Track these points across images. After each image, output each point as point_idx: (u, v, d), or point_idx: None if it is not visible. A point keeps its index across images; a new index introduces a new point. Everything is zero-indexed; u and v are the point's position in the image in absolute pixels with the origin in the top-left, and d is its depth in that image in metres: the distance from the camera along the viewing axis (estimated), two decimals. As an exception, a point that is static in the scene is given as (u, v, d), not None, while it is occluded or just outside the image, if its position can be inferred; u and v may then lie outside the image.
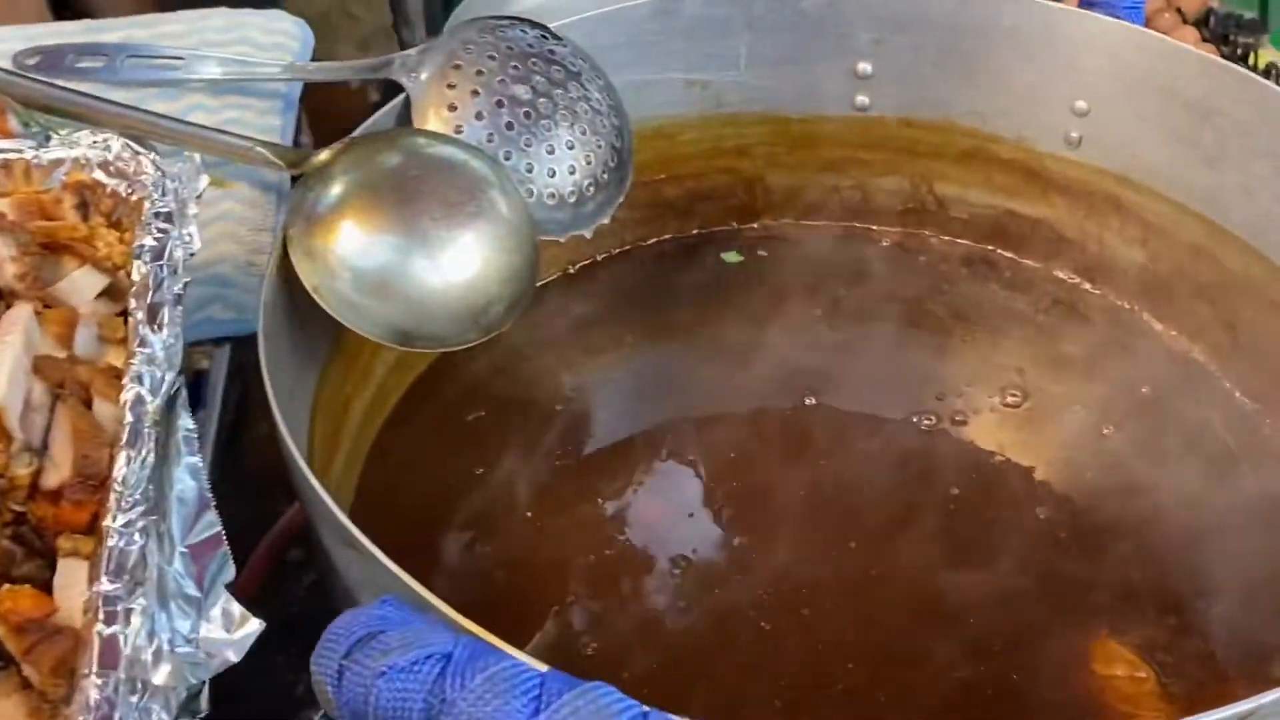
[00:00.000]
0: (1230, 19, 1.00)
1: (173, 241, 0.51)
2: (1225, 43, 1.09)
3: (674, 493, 0.70)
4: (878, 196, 0.85)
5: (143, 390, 0.46)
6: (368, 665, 0.35)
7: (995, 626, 0.62)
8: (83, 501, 0.43)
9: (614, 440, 0.73)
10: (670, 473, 0.71)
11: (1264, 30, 1.01)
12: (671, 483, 0.70)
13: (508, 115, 0.68)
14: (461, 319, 0.61)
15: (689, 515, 0.68)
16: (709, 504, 0.69)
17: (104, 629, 0.40)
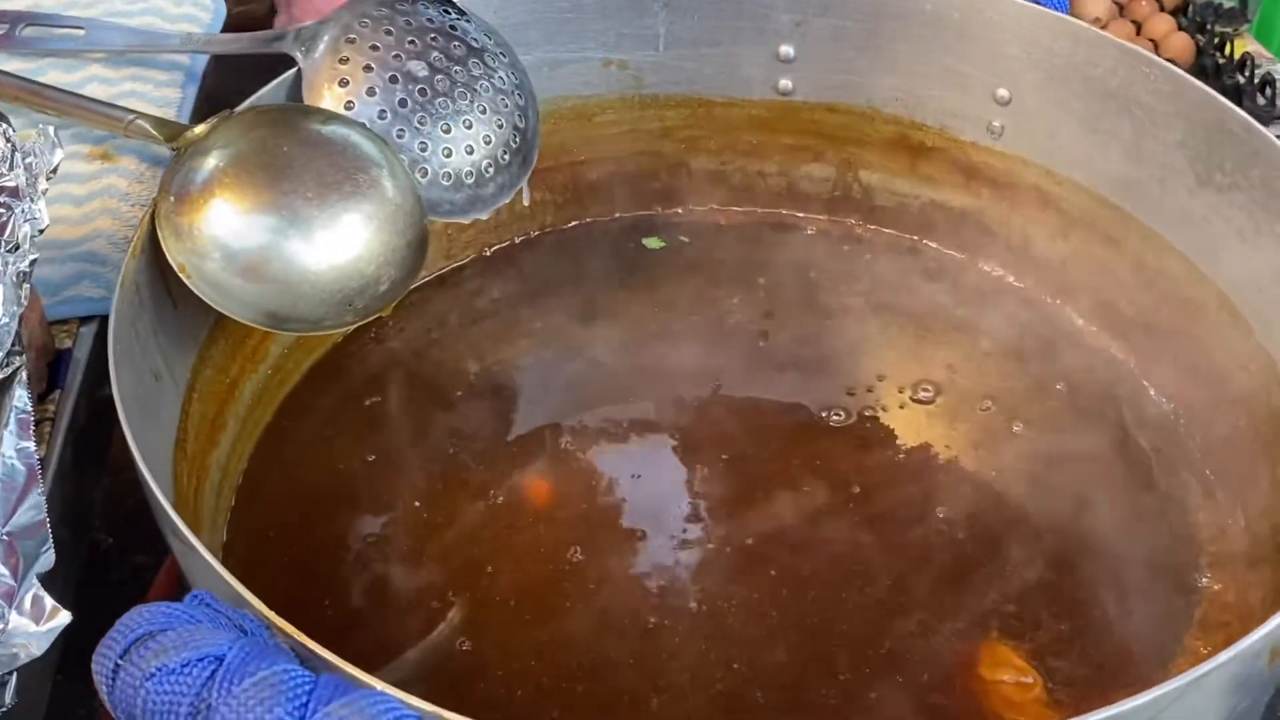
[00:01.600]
0: (1209, 8, 0.97)
1: (16, 218, 0.49)
2: (1202, 31, 1.06)
3: (569, 485, 0.68)
4: (803, 183, 0.84)
5: (-31, 370, 0.44)
6: (140, 666, 0.34)
7: (884, 627, 0.60)
8: (-114, 485, 0.42)
9: (513, 429, 0.72)
10: (567, 464, 0.69)
11: (1244, 20, 0.98)
12: (567, 475, 0.69)
13: (401, 92, 0.66)
14: (336, 301, 0.59)
15: (582, 508, 0.67)
16: (604, 496, 0.68)
17: (-111, 618, 0.38)
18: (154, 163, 0.67)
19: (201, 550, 0.42)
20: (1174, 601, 0.62)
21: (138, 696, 0.33)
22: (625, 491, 0.68)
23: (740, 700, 0.58)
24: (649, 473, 0.70)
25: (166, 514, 0.45)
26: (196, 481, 0.61)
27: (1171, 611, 0.62)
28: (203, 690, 0.33)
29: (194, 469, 0.61)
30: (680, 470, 0.69)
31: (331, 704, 0.32)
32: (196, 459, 0.62)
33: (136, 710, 0.34)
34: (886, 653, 0.59)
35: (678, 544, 0.65)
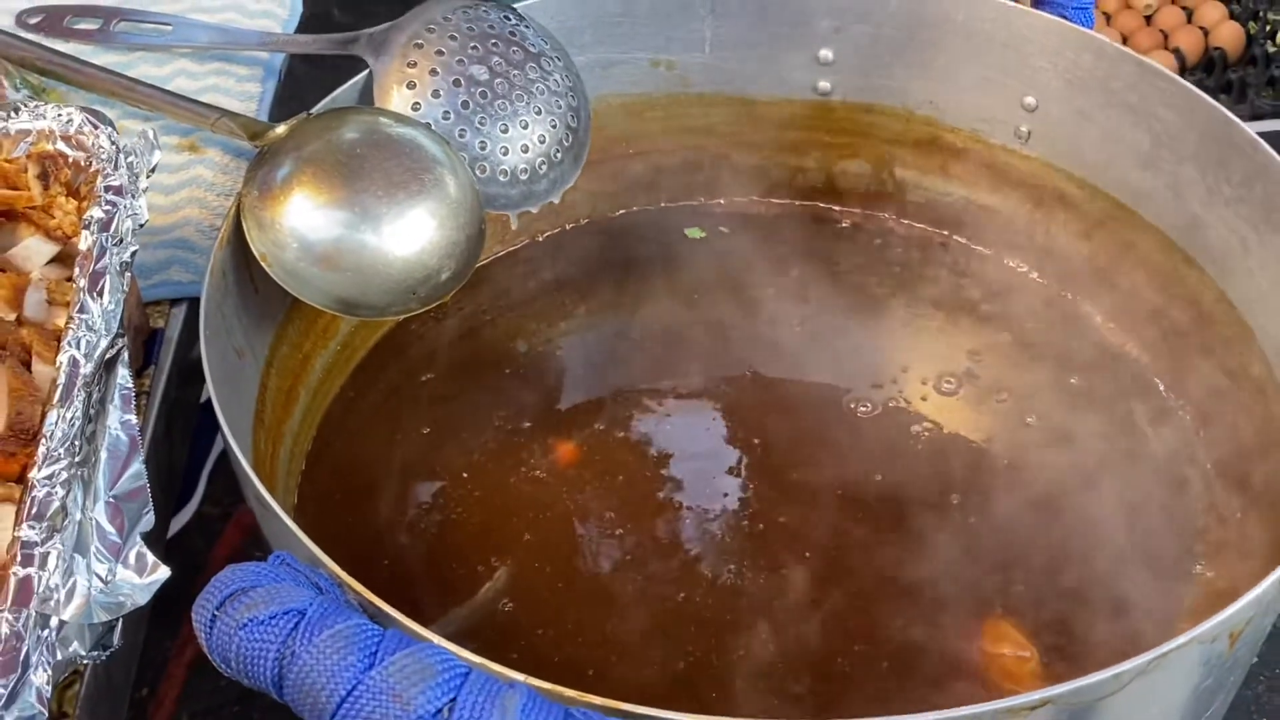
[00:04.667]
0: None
1: (121, 213, 0.55)
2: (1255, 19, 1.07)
3: (609, 459, 0.74)
4: (839, 178, 0.88)
5: (77, 354, 0.50)
6: (233, 617, 0.40)
7: (896, 604, 0.65)
8: (15, 453, 0.48)
9: (558, 406, 0.77)
10: (609, 440, 0.75)
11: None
12: (608, 450, 0.74)
13: (464, 94, 0.71)
14: (402, 290, 0.65)
15: (620, 481, 0.72)
16: (642, 471, 0.73)
17: (19, 570, 0.44)
18: (237, 155, 0.73)
19: (281, 514, 0.48)
20: (1169, 587, 0.66)
21: (231, 644, 0.39)
22: (662, 467, 0.73)
23: (762, 665, 0.63)
24: (685, 451, 0.75)
25: (250, 480, 0.51)
26: (272, 449, 0.67)
27: (1167, 597, 0.66)
28: (287, 640, 0.39)
29: (270, 438, 0.67)
30: (714, 450, 0.74)
31: (396, 654, 0.38)
32: (272, 429, 0.68)
33: (230, 656, 0.40)
34: (899, 625, 0.64)
35: (710, 519, 0.70)
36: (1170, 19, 1.20)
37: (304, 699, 0.38)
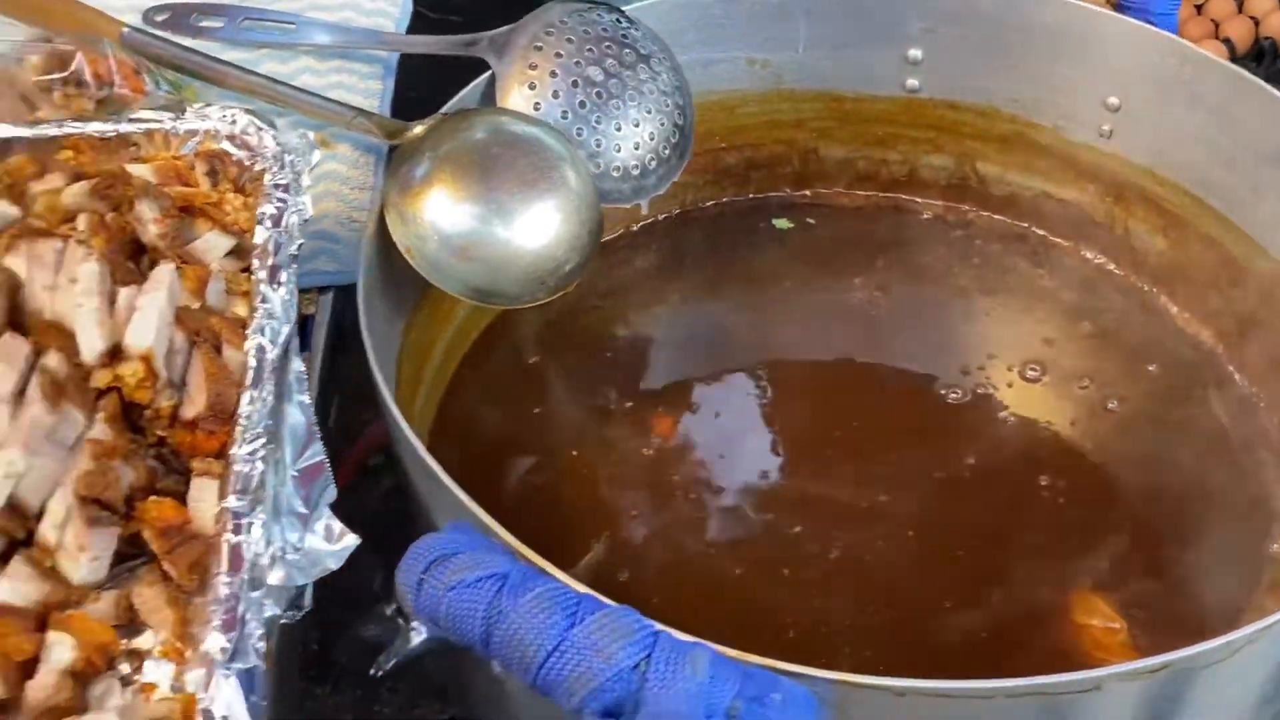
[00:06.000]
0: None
1: (289, 210, 0.60)
2: None
3: (711, 439, 0.78)
4: (923, 171, 0.92)
5: (263, 340, 0.55)
6: (441, 580, 0.44)
7: (991, 577, 0.70)
8: (215, 431, 0.53)
9: (659, 387, 0.81)
10: (708, 421, 0.79)
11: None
12: (709, 430, 0.78)
13: (582, 95, 0.76)
14: (532, 280, 0.69)
15: (722, 459, 0.77)
16: (744, 452, 0.78)
17: (231, 538, 0.49)
18: (366, 150, 0.77)
19: (455, 489, 0.53)
20: (1247, 565, 0.71)
21: (441, 604, 0.44)
22: (760, 447, 0.78)
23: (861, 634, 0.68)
24: (782, 431, 0.79)
25: (420, 458, 0.55)
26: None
27: (1244, 574, 0.70)
28: (493, 600, 0.43)
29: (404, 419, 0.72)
30: (811, 432, 0.79)
31: (594, 614, 0.42)
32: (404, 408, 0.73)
33: (439, 615, 0.44)
34: (994, 599, 0.68)
35: (812, 497, 0.74)
36: (1221, 8, 1.23)
37: (512, 653, 0.43)
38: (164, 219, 0.58)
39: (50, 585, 0.50)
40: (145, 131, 0.63)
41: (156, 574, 0.52)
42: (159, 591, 0.52)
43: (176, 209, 0.59)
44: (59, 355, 0.52)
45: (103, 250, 0.55)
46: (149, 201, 0.58)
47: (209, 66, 0.77)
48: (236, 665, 0.46)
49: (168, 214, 0.58)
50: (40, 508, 0.51)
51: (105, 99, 0.75)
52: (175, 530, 0.51)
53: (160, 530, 0.51)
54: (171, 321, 0.54)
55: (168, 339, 0.53)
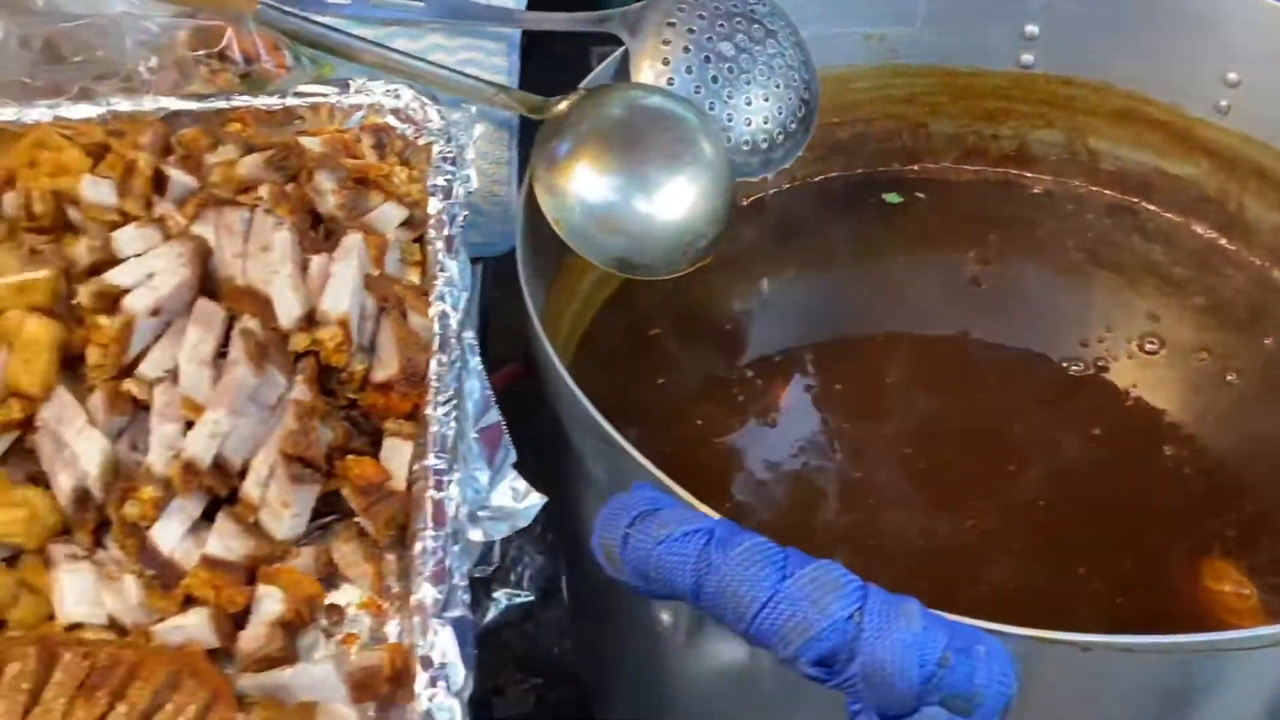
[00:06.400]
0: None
1: (457, 182, 0.62)
2: None
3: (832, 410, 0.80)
4: (1033, 146, 0.93)
5: (446, 306, 0.57)
6: (649, 535, 0.46)
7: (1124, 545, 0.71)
8: (407, 394, 0.55)
9: (778, 359, 0.83)
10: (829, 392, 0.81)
11: None
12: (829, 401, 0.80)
13: (714, 70, 0.77)
14: (674, 252, 0.71)
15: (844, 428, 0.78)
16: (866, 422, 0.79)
17: (435, 494, 0.51)
18: (498, 126, 0.79)
19: (633, 452, 0.55)
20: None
21: (650, 558, 0.46)
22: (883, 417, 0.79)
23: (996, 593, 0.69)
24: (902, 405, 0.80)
25: (593, 418, 0.57)
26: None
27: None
28: (702, 554, 0.45)
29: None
30: (933, 405, 0.80)
31: (805, 568, 0.44)
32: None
33: (649, 568, 0.46)
34: (1128, 566, 0.70)
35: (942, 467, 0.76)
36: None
37: (726, 604, 0.45)
38: (341, 190, 0.60)
39: (255, 541, 0.52)
40: (311, 105, 0.65)
41: (352, 530, 0.54)
42: (356, 547, 0.54)
43: (352, 180, 0.61)
44: (256, 320, 0.55)
45: (291, 219, 0.57)
46: (327, 173, 0.60)
47: (345, 43, 0.79)
48: (449, 615, 0.48)
49: (344, 185, 0.60)
50: (243, 466, 0.53)
51: (249, 74, 0.77)
52: (374, 488, 0.53)
53: (360, 488, 0.53)
54: (362, 288, 0.56)
55: (360, 305, 0.55)
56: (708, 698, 0.66)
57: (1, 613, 0.51)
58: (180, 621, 0.50)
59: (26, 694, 0.45)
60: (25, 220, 0.60)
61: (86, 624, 0.50)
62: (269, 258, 0.56)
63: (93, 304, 0.55)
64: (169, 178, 0.60)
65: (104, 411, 0.53)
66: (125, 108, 0.65)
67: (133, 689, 0.46)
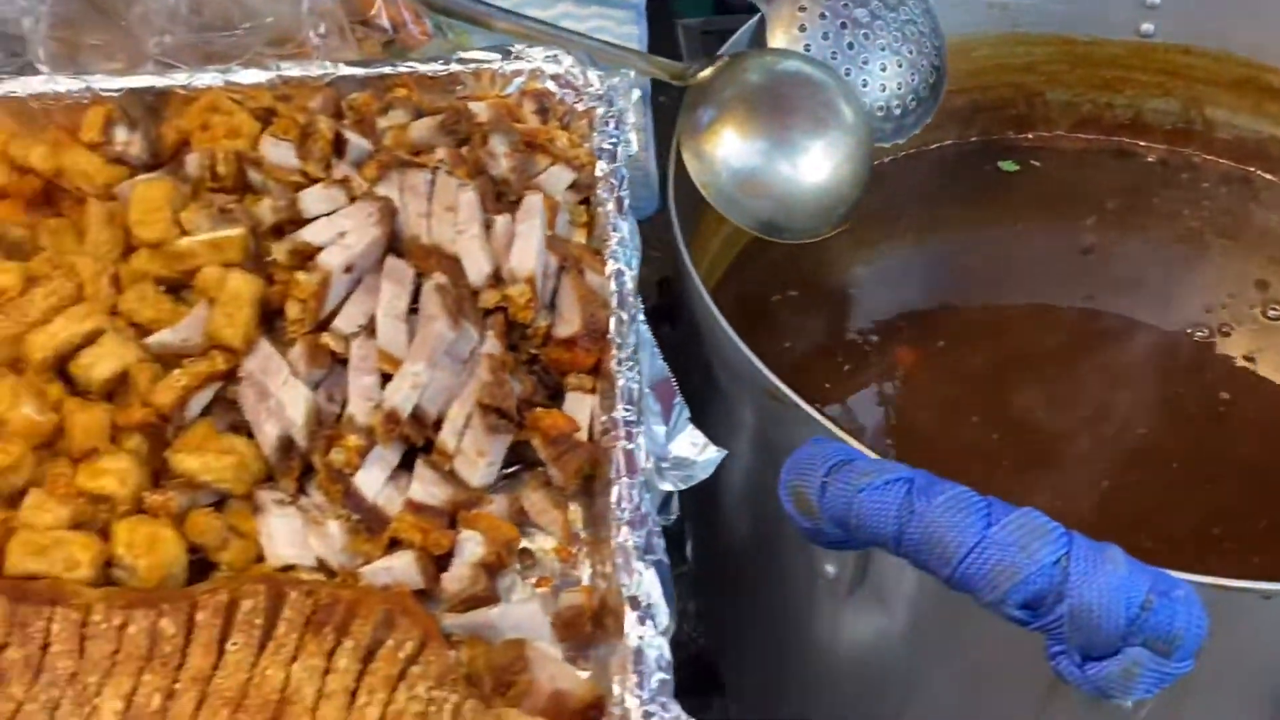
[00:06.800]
0: None
1: (621, 145, 0.63)
2: None
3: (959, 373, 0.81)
4: (1147, 115, 0.94)
5: (621, 265, 0.59)
6: (849, 483, 0.48)
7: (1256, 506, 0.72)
8: (590, 349, 0.57)
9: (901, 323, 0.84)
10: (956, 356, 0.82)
11: None
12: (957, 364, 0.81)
13: (849, 36, 0.78)
14: (819, 215, 0.73)
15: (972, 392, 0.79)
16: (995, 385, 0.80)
17: (626, 445, 0.53)
18: (629, 90, 0.81)
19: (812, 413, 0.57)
20: None
21: (851, 506, 0.48)
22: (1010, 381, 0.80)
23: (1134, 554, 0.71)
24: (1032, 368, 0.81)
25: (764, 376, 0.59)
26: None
27: None
28: (905, 501, 0.47)
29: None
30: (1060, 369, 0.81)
31: (1009, 516, 0.46)
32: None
33: (850, 515, 0.48)
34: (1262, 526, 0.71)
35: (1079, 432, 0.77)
36: None
37: (929, 550, 0.46)
38: (513, 153, 0.62)
39: (453, 488, 0.55)
40: (474, 71, 0.67)
41: (539, 479, 0.56)
42: (544, 495, 0.56)
43: (523, 144, 0.62)
44: (445, 278, 0.57)
45: (474, 181, 0.59)
46: (500, 136, 0.62)
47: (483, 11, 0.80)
48: (650, 558, 0.50)
49: (516, 149, 0.62)
50: (437, 416, 0.56)
51: (392, 41, 0.79)
52: (564, 438, 0.55)
53: (551, 438, 0.55)
54: (545, 248, 0.58)
55: (544, 264, 0.57)
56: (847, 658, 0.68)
57: (212, 555, 0.53)
58: (388, 563, 0.52)
59: (260, 629, 0.47)
60: (209, 181, 0.62)
61: (298, 565, 0.52)
62: (454, 218, 0.58)
63: (289, 261, 0.58)
64: (348, 141, 0.62)
65: (304, 364, 0.56)
66: (294, 73, 0.67)
67: (354, 626, 0.48)
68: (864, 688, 0.67)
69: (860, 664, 0.66)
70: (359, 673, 0.47)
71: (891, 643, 0.64)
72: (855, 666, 0.67)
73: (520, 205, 0.59)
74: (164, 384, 0.54)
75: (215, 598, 0.47)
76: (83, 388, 0.55)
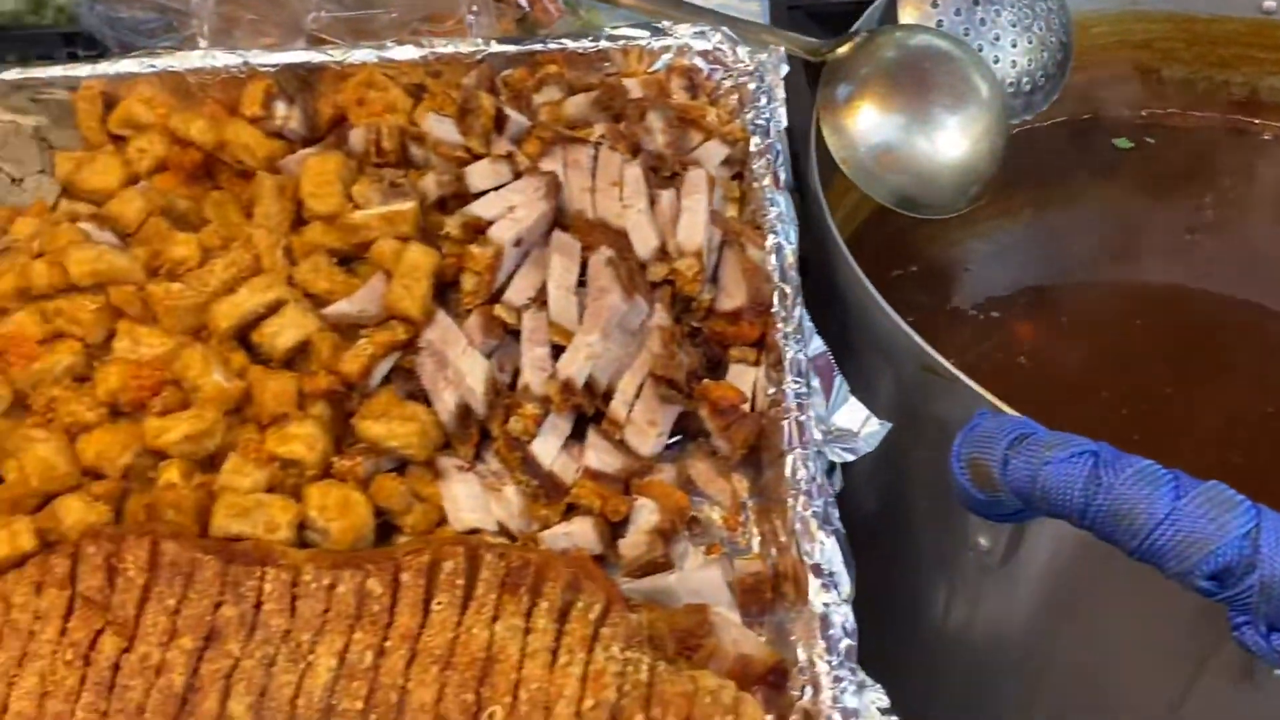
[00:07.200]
0: None
1: (772, 120, 0.64)
2: None
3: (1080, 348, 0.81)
4: (1263, 93, 0.93)
5: (781, 239, 0.60)
6: (1034, 456, 0.49)
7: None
8: (754, 323, 0.58)
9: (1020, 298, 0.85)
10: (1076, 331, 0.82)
11: None
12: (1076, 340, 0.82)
13: (981, 11, 0.79)
14: (957, 190, 0.73)
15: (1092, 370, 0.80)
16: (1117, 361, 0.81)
17: (799, 416, 0.54)
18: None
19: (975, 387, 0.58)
20: None
21: (1036, 478, 0.49)
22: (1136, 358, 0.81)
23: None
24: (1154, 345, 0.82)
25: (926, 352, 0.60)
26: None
27: None
28: (1091, 474, 0.48)
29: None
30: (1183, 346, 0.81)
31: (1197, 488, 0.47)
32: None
33: (1034, 488, 0.49)
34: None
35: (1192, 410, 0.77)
36: None
37: (1117, 522, 0.47)
38: (669, 129, 0.63)
39: (625, 457, 0.56)
40: (622, 48, 0.68)
41: (704, 450, 0.58)
42: (710, 465, 0.57)
43: (677, 119, 0.63)
44: (613, 251, 0.58)
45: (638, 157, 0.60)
46: (657, 112, 0.63)
47: (613, -12, 0.81)
48: (829, 527, 0.51)
49: (671, 125, 0.63)
50: (608, 387, 0.57)
51: (524, 18, 0.80)
52: (733, 409, 0.56)
53: (720, 409, 0.56)
54: (710, 223, 0.59)
55: (709, 238, 0.58)
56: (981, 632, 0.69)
57: (396, 519, 0.55)
58: (567, 528, 0.54)
59: (462, 590, 0.49)
60: (374, 155, 0.63)
61: (482, 530, 0.54)
62: (618, 193, 0.59)
63: (461, 234, 0.59)
64: (508, 117, 0.63)
65: (479, 334, 0.57)
66: (446, 50, 0.68)
67: (546, 588, 0.50)
68: (997, 662, 0.68)
69: (995, 637, 0.67)
70: (556, 633, 0.48)
71: (1033, 615, 0.65)
72: (990, 640, 0.68)
73: (684, 180, 0.60)
74: (352, 353, 0.55)
75: (418, 559, 0.49)
76: (264, 356, 0.57)
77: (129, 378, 0.54)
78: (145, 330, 0.56)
